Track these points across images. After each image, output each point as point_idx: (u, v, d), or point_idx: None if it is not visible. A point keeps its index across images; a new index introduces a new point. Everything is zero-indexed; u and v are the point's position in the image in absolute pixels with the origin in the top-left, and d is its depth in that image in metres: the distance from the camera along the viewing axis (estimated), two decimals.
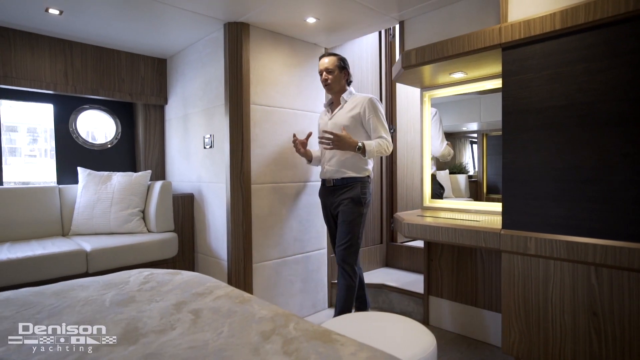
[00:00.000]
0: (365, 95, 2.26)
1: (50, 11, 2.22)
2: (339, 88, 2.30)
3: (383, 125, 2.22)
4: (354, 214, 2.18)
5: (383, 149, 2.16)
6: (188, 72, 2.88)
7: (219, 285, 1.44)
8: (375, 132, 2.20)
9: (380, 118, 2.22)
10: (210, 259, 2.68)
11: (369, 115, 2.20)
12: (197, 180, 2.80)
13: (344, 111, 2.27)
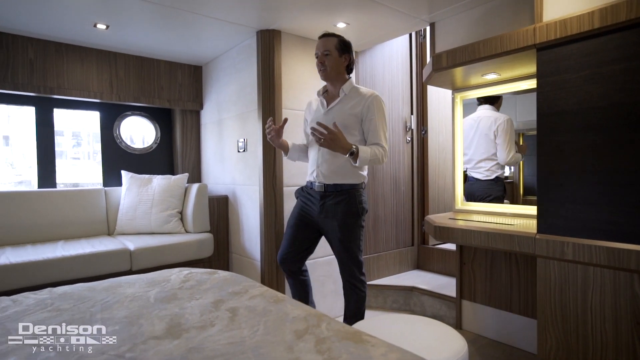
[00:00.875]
0: (371, 92, 1.96)
1: (98, 26, 2.38)
2: (335, 75, 1.97)
3: (383, 130, 1.93)
4: (355, 227, 1.94)
5: (377, 159, 1.86)
6: (222, 78, 2.98)
7: (253, 285, 1.50)
8: (374, 136, 1.90)
9: (383, 121, 1.93)
10: (244, 259, 2.77)
11: (371, 115, 1.90)
12: (231, 182, 2.90)
13: (344, 107, 1.94)
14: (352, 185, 1.94)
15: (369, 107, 1.91)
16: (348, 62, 2.00)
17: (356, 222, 1.95)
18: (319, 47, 1.96)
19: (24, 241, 2.43)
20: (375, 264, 3.02)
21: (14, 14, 2.22)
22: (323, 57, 1.95)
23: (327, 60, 1.94)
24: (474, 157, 2.39)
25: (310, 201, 2.02)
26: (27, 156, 2.97)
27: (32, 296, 1.42)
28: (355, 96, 1.96)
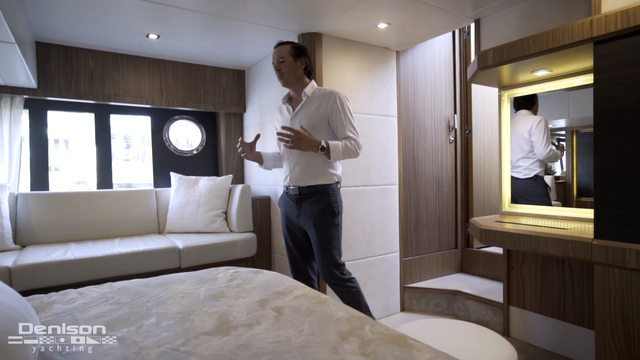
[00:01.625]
0: (330, 90, 2.00)
1: (150, 36, 2.52)
2: (295, 80, 2.03)
3: (350, 123, 1.98)
4: (330, 227, 1.97)
5: (351, 151, 1.94)
6: (264, 81, 3.06)
7: (297, 286, 1.53)
8: (342, 130, 1.95)
9: (347, 115, 1.97)
10: (286, 259, 2.82)
11: (335, 111, 1.95)
12: (274, 183, 2.96)
13: (309, 109, 2.00)
14: (325, 186, 1.98)
15: (332, 104, 1.96)
16: (305, 65, 2.03)
17: (332, 221, 1.98)
18: (274, 57, 2.03)
19: (86, 238, 2.62)
20: (417, 266, 2.98)
21: (79, 29, 2.40)
22: (279, 64, 2.01)
23: (283, 67, 2.01)
24: (513, 158, 2.31)
25: (289, 206, 2.07)
26: (84, 158, 3.20)
27: (95, 289, 1.53)
28: (317, 97, 2.01)
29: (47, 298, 1.45)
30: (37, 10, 2.13)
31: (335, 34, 2.54)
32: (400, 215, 2.87)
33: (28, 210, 2.50)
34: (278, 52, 2.02)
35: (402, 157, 2.91)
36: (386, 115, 2.81)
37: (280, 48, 2.03)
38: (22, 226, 2.47)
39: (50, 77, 2.64)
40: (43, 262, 2.05)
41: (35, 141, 2.82)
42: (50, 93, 2.65)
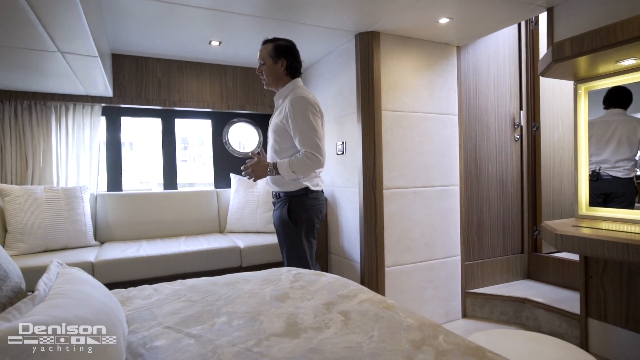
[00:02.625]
0: (293, 94, 1.85)
1: (212, 43, 2.62)
2: (274, 82, 1.94)
3: (305, 133, 1.80)
4: (290, 236, 1.91)
5: (302, 166, 1.80)
6: (320, 82, 3.07)
7: (361, 290, 1.51)
8: (297, 142, 1.84)
9: (301, 124, 1.80)
10: (343, 261, 2.81)
11: (291, 120, 1.82)
12: (330, 184, 2.97)
13: (277, 111, 1.93)
14: (289, 193, 1.91)
15: (287, 111, 1.84)
16: (285, 66, 1.92)
17: (290, 230, 1.90)
18: (258, 57, 1.98)
19: (155, 236, 2.79)
20: (479, 271, 2.84)
21: (148, 40, 2.56)
22: (260, 67, 1.96)
23: (263, 69, 1.95)
24: (612, 157, 2.10)
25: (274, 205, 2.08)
26: (147, 160, 3.41)
27: (169, 286, 1.62)
28: (285, 99, 1.91)
29: (127, 293, 1.55)
30: (114, 25, 2.29)
31: (393, 32, 2.48)
32: (462, 218, 2.75)
33: (105, 209, 2.71)
34: (260, 53, 1.96)
35: (464, 157, 2.78)
36: (446, 114, 2.70)
37: (262, 48, 1.95)
38: (101, 224, 2.68)
39: (123, 86, 2.84)
40: (120, 258, 2.20)
41: (110, 145, 3.04)
42: (124, 100, 2.85)
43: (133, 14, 2.15)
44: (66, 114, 2.74)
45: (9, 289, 0.92)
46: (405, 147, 2.56)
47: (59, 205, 2.42)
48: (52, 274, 1.06)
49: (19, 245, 2.25)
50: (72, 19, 1.47)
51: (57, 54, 1.83)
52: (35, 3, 1.33)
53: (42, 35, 1.58)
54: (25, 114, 2.63)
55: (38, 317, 0.74)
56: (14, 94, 2.55)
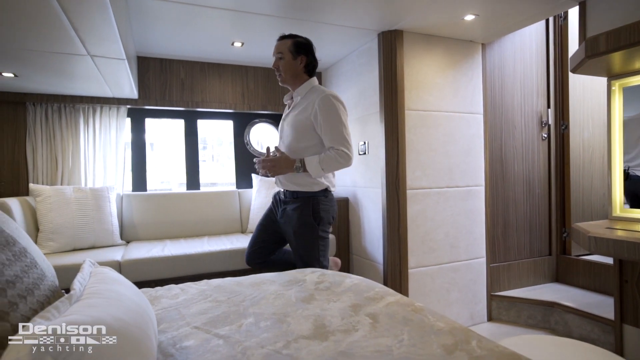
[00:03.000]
0: (321, 91, 1.82)
1: (235, 44, 2.64)
2: (292, 79, 1.90)
3: (338, 130, 1.77)
4: (310, 238, 1.85)
5: (334, 163, 1.76)
6: (342, 82, 3.05)
7: (387, 292, 1.49)
8: (327, 140, 1.78)
9: (332, 121, 1.77)
10: (365, 261, 2.79)
11: (321, 118, 1.77)
12: (352, 185, 2.94)
13: (295, 112, 1.88)
14: (308, 193, 1.86)
15: (317, 110, 1.79)
16: (305, 63, 1.89)
17: (311, 232, 1.86)
18: (273, 52, 1.91)
19: (179, 236, 2.83)
20: (505, 273, 2.77)
21: (172, 43, 2.60)
22: (277, 61, 1.90)
23: (281, 64, 1.89)
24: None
25: (276, 205, 2.01)
26: (168, 160, 3.46)
27: (195, 286, 1.63)
28: (307, 99, 1.86)
29: (154, 292, 1.57)
30: (140, 28, 2.33)
31: (417, 30, 2.45)
32: (487, 219, 2.69)
33: (131, 209, 2.76)
34: (277, 47, 1.90)
35: (489, 157, 2.72)
36: (471, 113, 2.64)
37: (280, 43, 1.89)
38: (127, 224, 2.74)
39: (148, 88, 2.89)
40: (145, 257, 2.24)
41: (135, 146, 3.10)
42: (148, 102, 2.90)
43: (158, 17, 2.18)
44: (93, 115, 2.81)
45: (46, 288, 0.94)
46: (429, 147, 2.52)
47: (87, 205, 2.48)
48: (85, 273, 1.08)
49: (50, 243, 2.31)
50: (103, 22, 1.49)
51: (86, 57, 1.87)
52: (69, 7, 1.36)
53: (74, 39, 1.62)
54: (55, 117, 2.71)
55: (77, 316, 0.76)
56: (44, 97, 2.63)
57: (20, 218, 2.20)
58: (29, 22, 1.46)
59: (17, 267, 0.89)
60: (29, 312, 0.82)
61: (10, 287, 0.82)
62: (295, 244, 1.92)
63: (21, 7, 1.34)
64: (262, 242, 2.06)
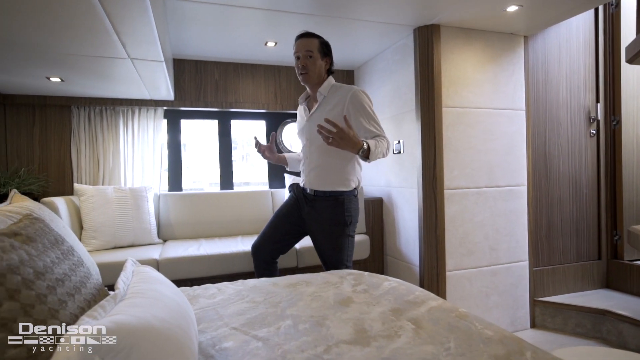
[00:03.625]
0: (348, 88, 1.82)
1: (268, 44, 2.64)
2: (317, 78, 1.86)
3: (375, 121, 1.80)
4: (340, 237, 1.85)
5: (384, 152, 1.75)
6: (376, 80, 2.99)
7: (428, 296, 1.43)
8: (367, 132, 1.77)
9: (369, 113, 1.79)
10: (400, 263, 2.72)
11: (356, 112, 1.77)
12: (386, 184, 2.88)
13: (324, 110, 1.84)
14: (340, 193, 1.84)
15: (349, 104, 1.78)
16: (329, 64, 1.89)
17: (342, 231, 1.85)
18: (299, 49, 1.84)
19: (213, 235, 2.87)
20: (549, 278, 2.62)
21: (207, 44, 2.63)
22: (305, 59, 1.82)
23: (309, 63, 1.82)
24: None
25: (302, 200, 1.95)
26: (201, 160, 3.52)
27: (231, 286, 1.63)
28: (334, 96, 1.84)
29: (192, 291, 1.58)
30: (176, 30, 2.37)
31: (454, 24, 2.36)
32: (529, 220, 2.56)
33: (167, 208, 2.82)
34: (306, 44, 1.83)
35: (531, 155, 2.59)
36: (512, 109, 2.52)
37: (309, 41, 1.83)
38: (163, 223, 2.80)
39: (184, 89, 2.95)
40: (182, 256, 2.28)
41: (171, 147, 3.17)
42: (184, 103, 2.95)
43: (194, 19, 2.21)
44: (132, 117, 2.89)
45: (92, 286, 0.95)
46: (468, 145, 2.42)
47: (127, 204, 2.55)
48: (128, 272, 1.09)
49: (93, 241, 2.39)
50: (143, 25, 1.52)
51: (127, 60, 1.92)
52: (112, 12, 1.39)
53: (115, 42, 1.66)
54: (97, 119, 2.81)
55: (122, 316, 0.76)
56: (87, 100, 2.73)
57: (66, 216, 2.29)
58: (74, 27, 1.51)
59: (65, 265, 0.90)
60: (77, 310, 0.83)
61: (60, 285, 0.83)
62: (324, 243, 1.90)
63: (68, 13, 1.39)
64: (280, 233, 2.01)
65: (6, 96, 2.63)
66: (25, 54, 1.83)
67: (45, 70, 2.10)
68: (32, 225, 0.95)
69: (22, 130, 2.72)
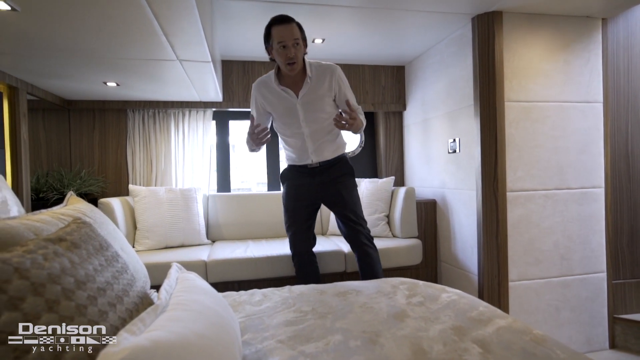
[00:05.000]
0: (326, 65, 1.89)
1: (316, 41, 2.57)
2: (300, 65, 1.83)
3: (352, 94, 1.99)
4: (354, 188, 2.05)
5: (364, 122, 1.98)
6: (428, 76, 2.82)
7: (494, 313, 1.27)
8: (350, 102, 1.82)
9: (349, 87, 1.97)
10: (456, 270, 2.53)
11: (341, 86, 1.92)
12: (440, 186, 2.70)
13: (316, 90, 1.88)
14: (343, 155, 2.06)
15: (337, 80, 1.90)
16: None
17: (354, 183, 2.05)
18: (285, 37, 1.72)
19: (260, 236, 2.84)
20: (633, 292, 2.32)
21: (253, 44, 2.61)
22: (294, 48, 1.75)
23: (298, 52, 1.76)
24: None
25: (303, 176, 2.04)
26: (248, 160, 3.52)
27: (277, 292, 1.56)
28: (318, 74, 1.88)
29: (238, 297, 1.53)
30: (224, 31, 2.37)
31: (519, 10, 2.14)
32: (608, 226, 2.27)
33: (216, 209, 2.84)
34: (291, 31, 1.73)
35: (610, 153, 2.30)
36: (587, 102, 2.25)
37: (292, 27, 1.74)
38: (212, 223, 2.82)
39: (232, 90, 2.95)
40: (229, 258, 2.26)
41: (220, 148, 3.20)
42: (232, 105, 2.96)
43: (240, 18, 2.18)
44: (182, 119, 2.95)
45: (135, 294, 0.92)
46: (534, 143, 2.19)
47: (177, 205, 2.59)
48: (172, 279, 1.06)
49: (146, 241, 2.45)
50: (190, 25, 1.50)
51: (176, 62, 1.92)
52: (159, 12, 1.38)
53: (164, 44, 1.66)
54: (150, 122, 2.89)
55: (160, 332, 0.70)
56: (141, 103, 2.82)
57: (121, 217, 2.37)
58: (126, 30, 1.52)
59: (108, 273, 0.87)
60: (117, 321, 0.79)
61: (101, 294, 0.79)
62: (347, 199, 2.00)
63: (120, 16, 1.39)
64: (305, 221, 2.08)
65: (70, 102, 2.77)
66: (84, 59, 1.89)
67: (102, 75, 2.18)
68: (78, 230, 0.93)
69: (83, 133, 2.86)
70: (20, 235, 0.91)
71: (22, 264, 0.69)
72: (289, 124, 1.98)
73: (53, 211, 1.19)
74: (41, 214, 1.15)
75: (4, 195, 1.21)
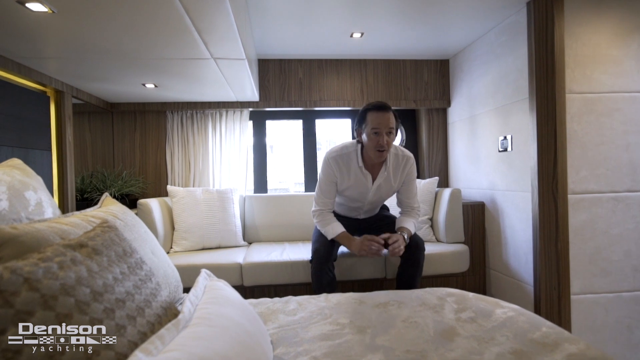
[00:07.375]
0: (403, 156, 1.94)
1: (354, 35, 2.45)
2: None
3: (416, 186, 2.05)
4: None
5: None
6: (475, 69, 2.62)
7: (561, 335, 1.10)
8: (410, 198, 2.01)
9: (415, 180, 2.04)
10: (507, 279, 2.32)
11: (410, 180, 1.98)
12: (489, 187, 2.49)
13: (389, 178, 1.94)
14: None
15: (409, 172, 1.96)
16: None
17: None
18: (381, 124, 1.76)
19: (297, 238, 2.77)
20: None
21: (290, 42, 2.55)
22: (387, 136, 1.77)
23: (390, 140, 1.79)
24: None
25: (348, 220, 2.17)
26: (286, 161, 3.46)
27: (313, 301, 1.47)
28: (395, 165, 1.93)
29: (272, 304, 1.45)
30: (260, 29, 2.31)
31: None
32: None
33: (252, 210, 2.80)
34: (388, 120, 1.77)
35: None
36: None
37: (389, 115, 1.79)
38: (249, 225, 2.78)
39: (268, 90, 2.90)
40: (265, 261, 2.20)
41: (256, 148, 3.17)
42: (269, 104, 2.91)
43: (277, 14, 2.12)
44: (220, 120, 2.94)
45: (158, 305, 0.85)
46: (601, 140, 1.95)
47: (214, 206, 2.57)
48: (199, 289, 0.99)
49: (183, 242, 2.45)
50: (222, 20, 1.44)
51: (210, 60, 1.88)
52: (190, 7, 1.33)
53: (197, 41, 1.62)
54: (188, 123, 2.91)
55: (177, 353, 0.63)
56: (179, 104, 2.83)
57: (159, 218, 2.37)
58: (157, 27, 1.48)
59: (129, 282, 0.81)
60: (136, 336, 0.72)
61: (120, 306, 0.73)
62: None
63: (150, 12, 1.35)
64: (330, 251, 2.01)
65: (113, 104, 2.84)
66: (121, 61, 1.89)
67: (140, 77, 2.19)
68: (102, 235, 0.88)
69: (125, 135, 2.93)
70: (46, 239, 0.88)
71: (33, 273, 0.63)
72: (353, 198, 2.03)
73: (85, 213, 1.16)
74: (73, 216, 1.12)
75: (39, 197, 1.19)
